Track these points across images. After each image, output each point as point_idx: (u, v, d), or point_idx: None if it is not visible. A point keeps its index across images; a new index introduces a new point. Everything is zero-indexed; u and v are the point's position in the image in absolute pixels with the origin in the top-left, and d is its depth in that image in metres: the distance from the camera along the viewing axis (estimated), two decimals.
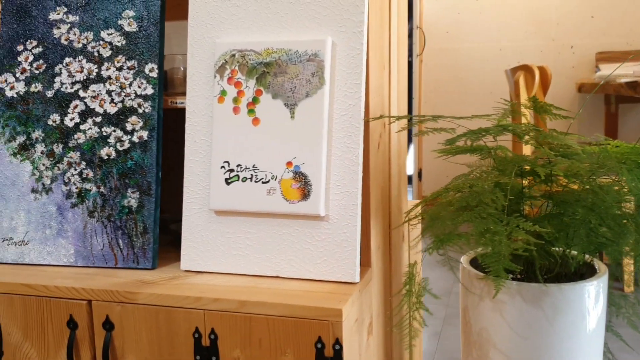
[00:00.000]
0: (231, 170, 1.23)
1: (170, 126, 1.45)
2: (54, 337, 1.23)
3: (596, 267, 1.36)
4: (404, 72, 1.59)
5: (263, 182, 1.20)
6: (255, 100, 1.21)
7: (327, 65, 1.17)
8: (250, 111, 1.22)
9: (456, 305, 2.58)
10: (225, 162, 1.23)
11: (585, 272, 1.37)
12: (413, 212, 1.32)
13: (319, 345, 1.07)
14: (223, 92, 1.23)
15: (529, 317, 1.28)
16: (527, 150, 2.54)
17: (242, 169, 1.22)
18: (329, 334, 1.06)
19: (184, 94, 1.40)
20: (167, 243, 1.50)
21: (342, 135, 1.18)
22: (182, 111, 1.33)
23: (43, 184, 1.35)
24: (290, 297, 1.11)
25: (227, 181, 1.23)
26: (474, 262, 1.44)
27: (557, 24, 4.84)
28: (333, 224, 1.18)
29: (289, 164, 1.19)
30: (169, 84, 1.42)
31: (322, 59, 1.17)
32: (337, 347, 1.06)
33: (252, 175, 1.21)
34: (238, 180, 1.22)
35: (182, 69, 1.41)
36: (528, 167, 1.21)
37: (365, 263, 1.24)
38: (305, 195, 1.17)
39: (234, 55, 1.23)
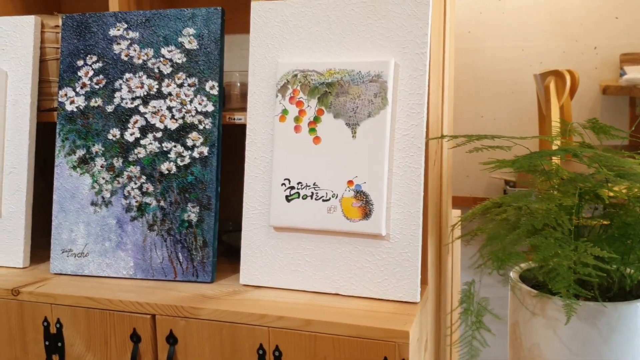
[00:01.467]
0: (292, 188, 1.24)
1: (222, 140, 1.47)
2: (116, 349, 1.26)
3: None
4: (452, 83, 1.60)
5: (324, 200, 1.22)
6: (316, 120, 1.23)
7: (390, 86, 1.19)
8: (312, 130, 1.23)
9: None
10: (286, 179, 1.25)
11: None
12: (464, 226, 1.34)
13: None
14: (285, 111, 1.25)
15: (583, 335, 1.30)
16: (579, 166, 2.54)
17: (302, 186, 1.24)
18: (395, 354, 1.08)
19: (241, 109, 1.42)
20: (219, 254, 1.52)
21: (403, 155, 1.19)
22: (235, 126, 1.35)
23: (103, 197, 1.37)
24: (355, 316, 1.13)
25: (288, 198, 1.25)
26: (522, 277, 1.45)
27: (580, 24, 4.81)
28: (394, 243, 1.19)
29: (350, 182, 1.21)
30: (226, 100, 1.44)
31: (385, 80, 1.19)
32: None
33: (312, 193, 1.23)
34: (298, 197, 1.24)
35: (238, 84, 1.43)
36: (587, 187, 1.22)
37: (422, 281, 1.25)
38: (366, 214, 1.19)
39: (296, 75, 1.25)
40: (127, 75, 1.37)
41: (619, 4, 4.76)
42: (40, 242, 1.54)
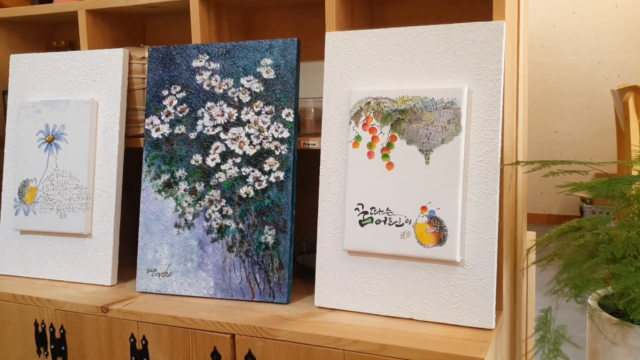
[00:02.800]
0: (365, 213, 1.27)
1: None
2: None
3: None
4: (526, 104, 1.59)
5: (397, 225, 1.24)
6: (389, 146, 1.26)
7: (464, 113, 1.20)
8: (385, 156, 1.26)
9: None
10: (359, 204, 1.28)
11: None
12: (539, 249, 1.32)
13: None
14: (358, 138, 1.28)
15: None
16: None
17: (375, 211, 1.26)
18: None
19: (314, 135, 1.46)
20: (293, 274, 1.56)
21: (478, 181, 1.20)
22: (310, 151, 1.39)
23: (185, 220, 1.44)
24: (429, 342, 1.14)
25: (361, 223, 1.27)
26: (600, 304, 1.42)
27: None
28: (469, 270, 1.20)
29: (424, 208, 1.22)
30: (301, 126, 1.48)
31: (458, 107, 1.20)
32: None
33: (385, 218, 1.25)
34: (372, 222, 1.26)
35: (312, 111, 1.48)
36: None
37: (497, 307, 1.25)
38: (440, 240, 1.20)
39: (369, 102, 1.28)
40: (209, 104, 1.45)
41: None
42: (124, 261, 1.63)
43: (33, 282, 1.60)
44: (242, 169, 1.41)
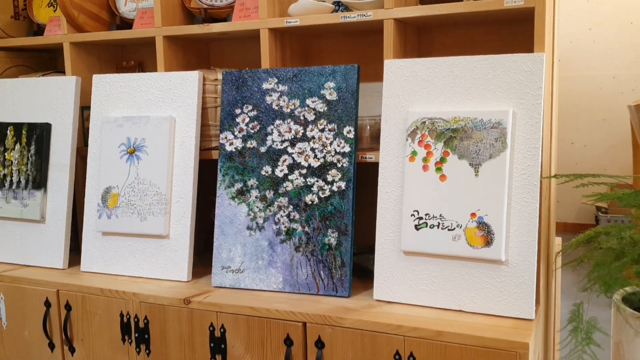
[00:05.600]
0: (420, 218, 1.46)
1: None
2: (272, 352, 1.51)
3: None
4: (557, 123, 1.77)
5: (449, 230, 1.43)
6: (442, 160, 1.45)
7: (509, 132, 1.39)
8: (438, 169, 1.45)
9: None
10: (415, 210, 1.47)
11: None
12: (565, 254, 1.50)
13: None
14: (414, 153, 1.48)
15: None
16: None
17: (429, 217, 1.45)
18: None
19: (370, 149, 1.65)
20: None
21: (521, 191, 1.38)
22: (366, 164, 1.58)
23: (257, 223, 1.64)
24: (479, 329, 1.32)
25: (417, 227, 1.46)
26: (624, 300, 1.59)
27: None
28: (512, 268, 1.38)
29: (473, 214, 1.41)
30: (358, 141, 1.67)
31: (505, 127, 1.39)
32: None
33: (439, 223, 1.44)
34: (426, 226, 1.45)
35: (367, 128, 1.67)
36: None
37: (536, 301, 1.43)
38: (488, 242, 1.39)
39: (424, 122, 1.47)
40: (278, 121, 1.64)
41: None
42: (195, 260, 1.82)
43: (114, 278, 1.80)
44: (307, 179, 1.60)
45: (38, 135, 1.93)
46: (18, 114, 1.98)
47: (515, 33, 1.68)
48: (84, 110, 1.99)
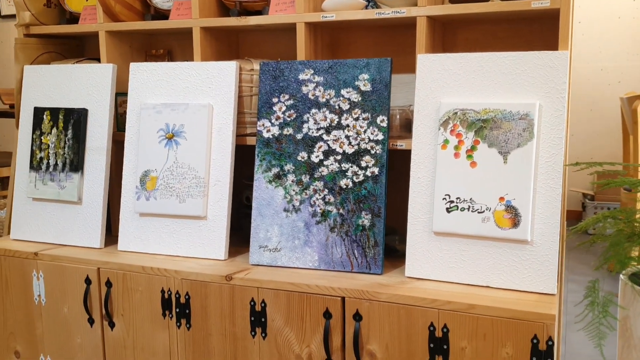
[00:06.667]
0: (451, 202, 1.58)
1: None
2: (311, 324, 1.63)
3: None
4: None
5: (479, 212, 1.56)
6: (473, 148, 1.57)
7: (536, 123, 1.51)
8: (469, 156, 1.57)
9: (573, 312, 2.86)
10: (446, 194, 1.59)
11: None
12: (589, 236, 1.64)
13: (535, 341, 1.41)
14: (446, 141, 1.59)
15: None
16: None
17: (460, 201, 1.57)
18: (543, 333, 1.40)
19: (399, 137, 1.77)
20: None
21: (546, 178, 1.51)
22: (397, 151, 1.70)
23: (293, 205, 1.75)
24: (508, 303, 1.46)
25: (448, 210, 1.59)
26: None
27: None
28: (537, 247, 1.51)
29: (502, 199, 1.53)
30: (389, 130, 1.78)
31: (532, 118, 1.51)
32: (550, 343, 1.39)
33: (469, 206, 1.57)
34: (457, 209, 1.58)
35: (398, 117, 1.78)
36: None
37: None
38: (515, 224, 1.52)
39: (456, 112, 1.59)
40: (314, 110, 1.75)
41: None
42: (230, 240, 1.92)
43: (153, 257, 1.89)
44: (342, 165, 1.71)
45: (75, 120, 2.00)
46: (54, 100, 2.05)
47: (534, 31, 1.80)
48: (118, 96, 2.07)
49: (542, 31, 1.79)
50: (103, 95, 1.99)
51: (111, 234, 2.14)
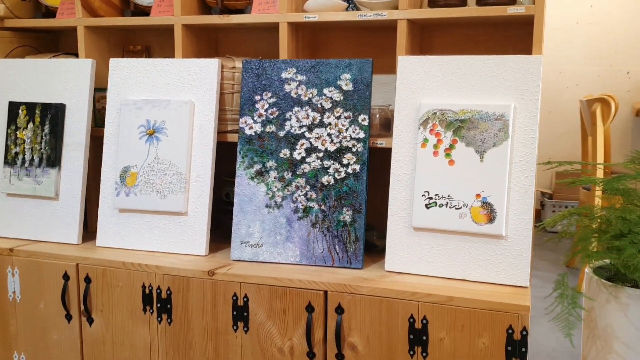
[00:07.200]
0: (430, 198, 1.64)
1: None
2: (293, 318, 1.66)
3: None
4: None
5: (456, 209, 1.62)
6: (451, 147, 1.63)
7: (511, 124, 1.59)
8: (447, 155, 1.63)
9: (535, 306, 2.98)
10: (425, 191, 1.65)
11: None
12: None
13: (510, 331, 1.48)
14: (425, 140, 1.65)
15: None
16: None
17: (439, 197, 1.64)
18: (518, 323, 1.47)
19: (378, 136, 1.82)
20: None
21: (520, 176, 1.59)
22: (377, 149, 1.75)
23: (275, 202, 1.78)
24: (485, 295, 1.52)
25: (427, 206, 1.65)
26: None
27: (614, 51, 5.19)
28: (510, 242, 1.59)
29: (478, 195, 1.60)
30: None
31: (507, 119, 1.59)
32: (524, 332, 1.47)
33: (447, 202, 1.63)
34: (436, 205, 1.64)
35: (377, 116, 1.83)
36: None
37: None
38: (490, 219, 1.59)
39: (435, 113, 1.65)
40: (296, 108, 1.78)
41: None
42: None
43: (132, 252, 1.90)
44: (324, 162, 1.75)
45: (53, 115, 1.99)
46: (30, 94, 2.03)
47: (509, 35, 1.88)
48: (95, 91, 2.06)
49: (515, 36, 1.87)
50: (82, 90, 1.98)
51: (87, 230, 2.13)
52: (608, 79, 5.22)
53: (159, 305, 1.79)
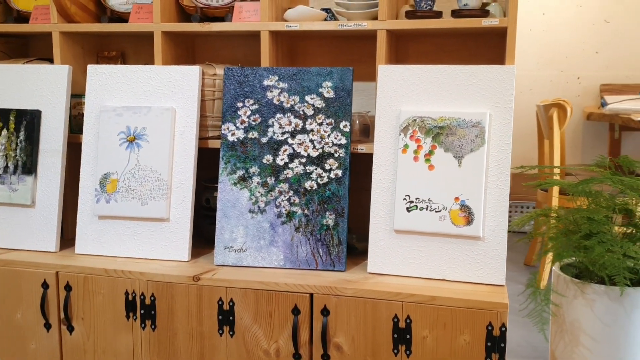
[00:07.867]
0: (411, 202, 1.71)
1: None
2: (279, 321, 1.70)
3: None
4: None
5: (436, 211, 1.69)
6: (430, 153, 1.70)
7: (487, 130, 1.67)
8: (427, 160, 1.70)
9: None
10: (406, 195, 1.71)
11: None
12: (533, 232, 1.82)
13: (490, 328, 1.55)
14: (406, 146, 1.72)
15: (613, 311, 1.79)
16: None
17: (419, 201, 1.70)
18: (497, 320, 1.55)
19: (359, 142, 1.87)
20: None
21: (495, 180, 1.67)
22: (358, 154, 1.80)
23: (258, 207, 1.81)
24: (465, 294, 1.60)
25: (408, 209, 1.71)
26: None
27: (565, 57, 5.42)
28: (487, 243, 1.67)
29: (457, 198, 1.68)
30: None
31: (483, 126, 1.66)
32: (503, 329, 1.55)
33: (427, 205, 1.70)
34: (416, 209, 1.70)
35: (357, 122, 1.89)
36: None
37: None
38: (469, 222, 1.66)
39: (415, 119, 1.72)
40: (278, 115, 1.82)
41: (600, 41, 5.38)
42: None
43: (114, 259, 1.89)
44: (306, 167, 1.80)
45: (28, 122, 1.96)
46: (4, 100, 2.00)
47: (480, 45, 1.96)
48: (71, 98, 2.04)
49: (486, 45, 1.96)
50: (58, 96, 1.96)
51: (64, 237, 2.11)
52: (560, 84, 5.44)
53: (142, 311, 1.79)
